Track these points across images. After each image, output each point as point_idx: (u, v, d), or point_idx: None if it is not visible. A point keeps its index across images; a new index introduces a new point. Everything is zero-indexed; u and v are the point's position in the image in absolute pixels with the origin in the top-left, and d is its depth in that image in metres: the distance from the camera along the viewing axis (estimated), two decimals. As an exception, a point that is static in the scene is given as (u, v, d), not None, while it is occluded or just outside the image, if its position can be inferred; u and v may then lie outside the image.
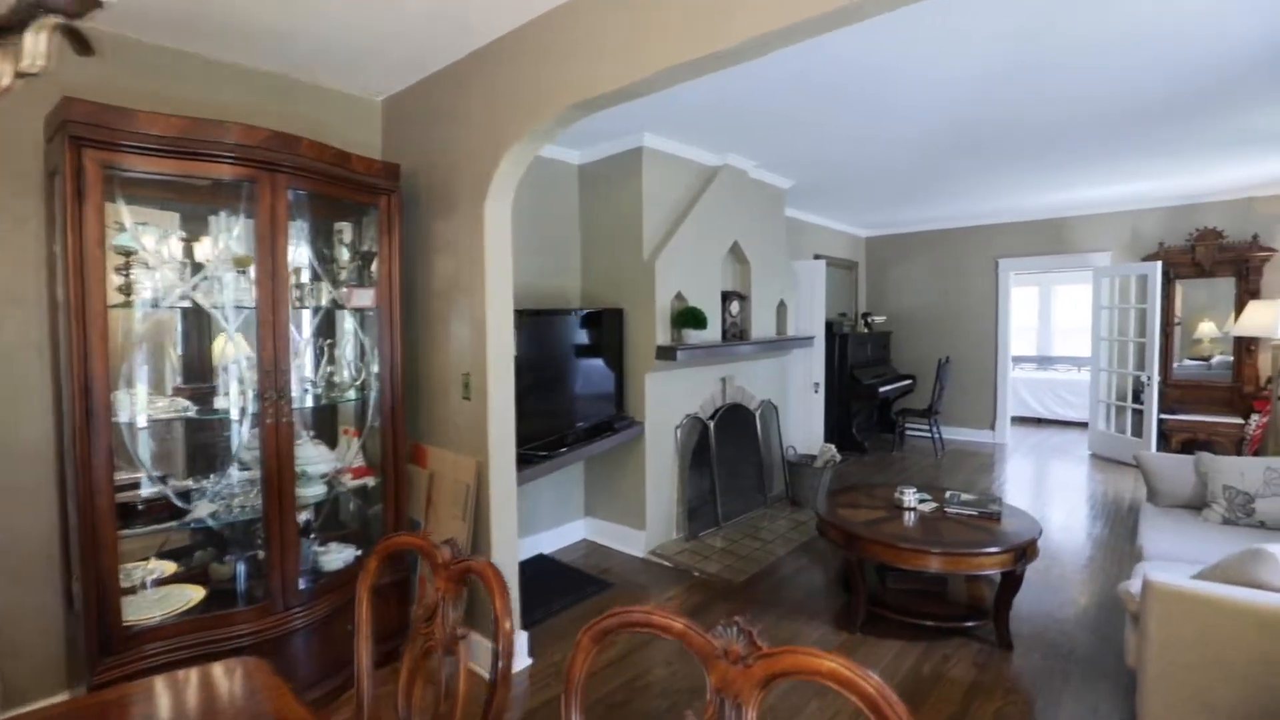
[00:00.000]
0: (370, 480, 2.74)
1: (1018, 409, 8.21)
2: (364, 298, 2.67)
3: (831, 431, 6.37)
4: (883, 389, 6.85)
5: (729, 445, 4.59)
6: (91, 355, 1.93)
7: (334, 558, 2.62)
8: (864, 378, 6.75)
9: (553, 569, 3.73)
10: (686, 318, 3.93)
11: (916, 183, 5.30)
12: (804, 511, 4.73)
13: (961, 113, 3.50)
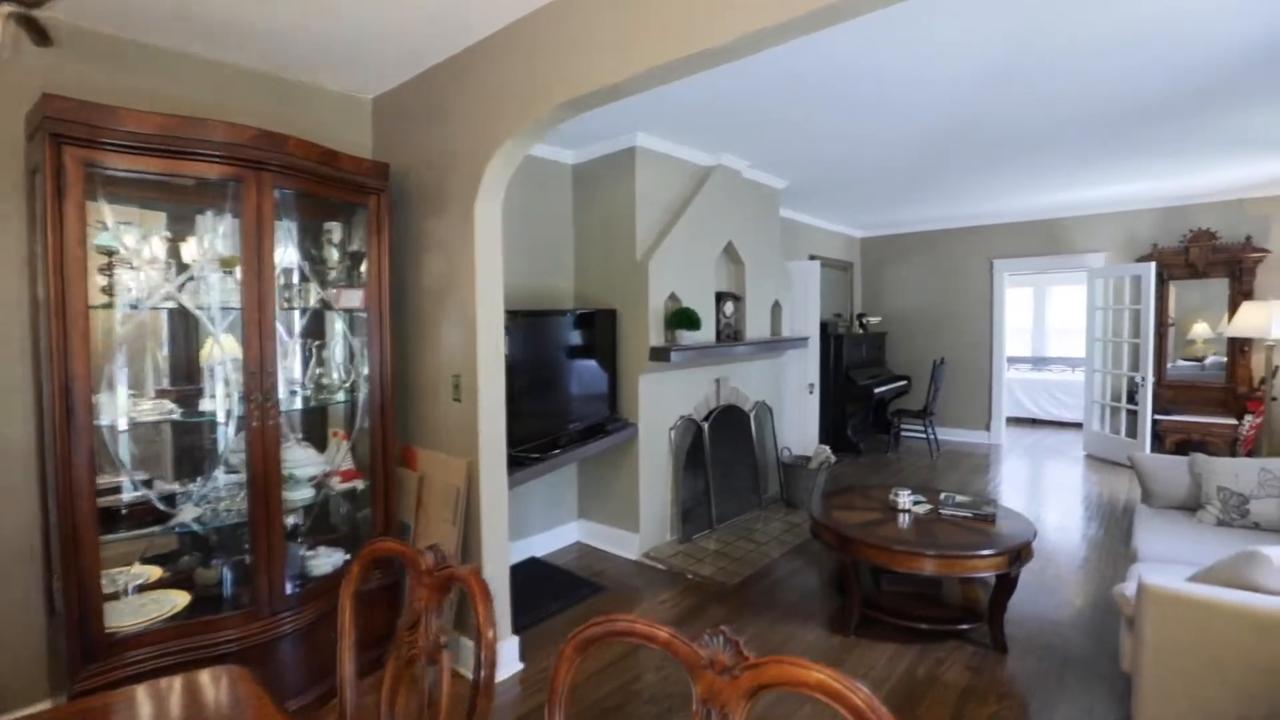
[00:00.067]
0: (359, 483, 2.71)
1: (1013, 410, 8.22)
2: (353, 298, 2.64)
3: (826, 433, 6.36)
4: (878, 390, 6.84)
5: (723, 447, 4.57)
6: (72, 356, 1.90)
7: (322, 562, 2.59)
8: (859, 379, 6.74)
9: (545, 572, 3.70)
10: (680, 318, 3.91)
11: (912, 183, 5.29)
12: (799, 513, 4.71)
13: (958, 113, 3.48)
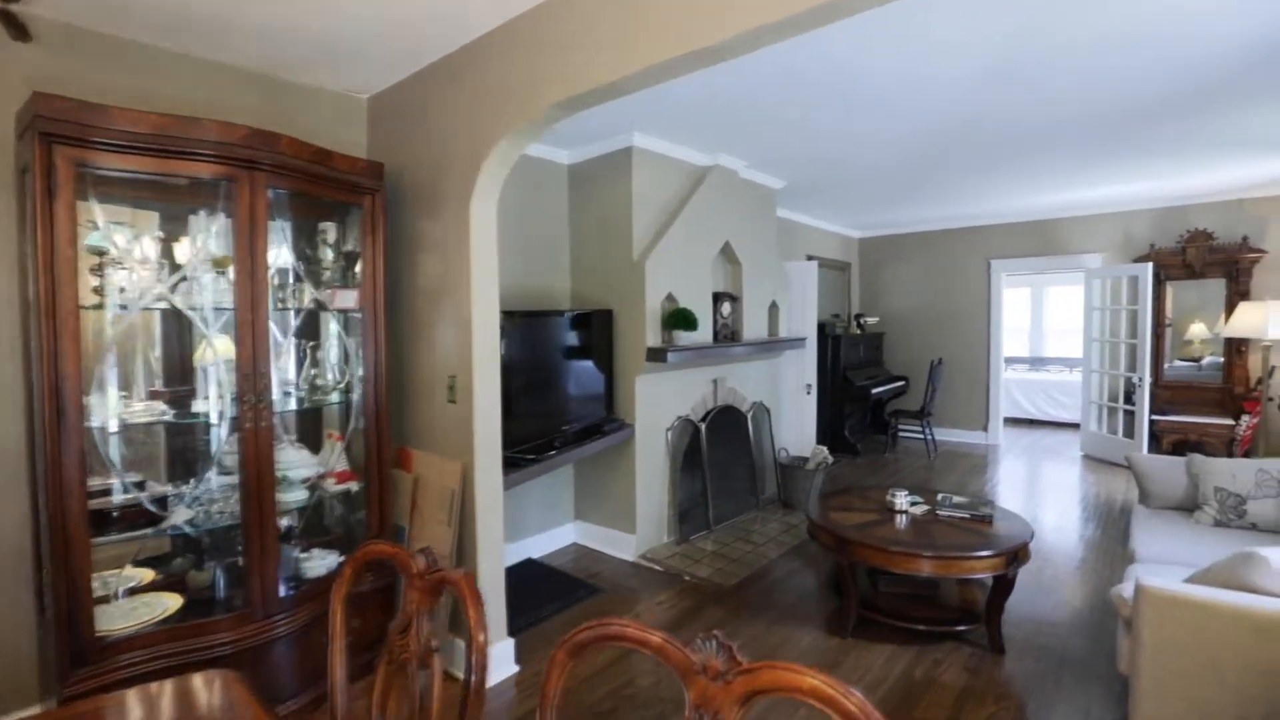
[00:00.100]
0: (354, 485, 2.69)
1: (1010, 410, 8.22)
2: (347, 299, 2.63)
3: (824, 433, 6.35)
4: (875, 390, 6.83)
5: (720, 447, 4.56)
6: (62, 357, 1.88)
7: (316, 564, 2.57)
8: (857, 379, 6.73)
9: (541, 574, 3.68)
10: (677, 319, 3.90)
11: (909, 183, 5.28)
12: (796, 514, 4.70)
13: (956, 112, 3.47)
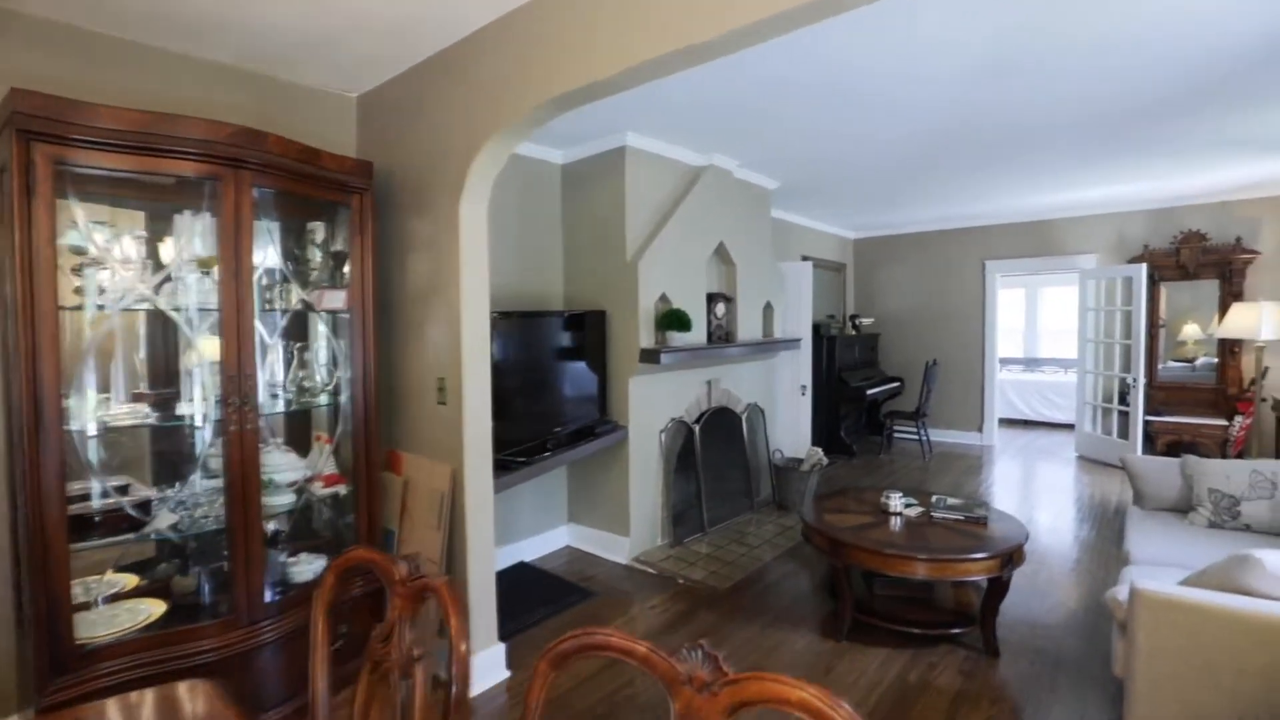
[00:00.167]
0: (342, 488, 2.66)
1: (1005, 411, 8.22)
2: (335, 299, 2.59)
3: (819, 434, 6.33)
4: (870, 391, 6.82)
5: (715, 449, 4.54)
6: (41, 358, 1.84)
7: (304, 569, 2.53)
8: (852, 380, 6.72)
9: (534, 577, 3.65)
10: (670, 320, 3.87)
11: (905, 183, 5.27)
12: (791, 516, 4.68)
13: (954, 112, 3.45)
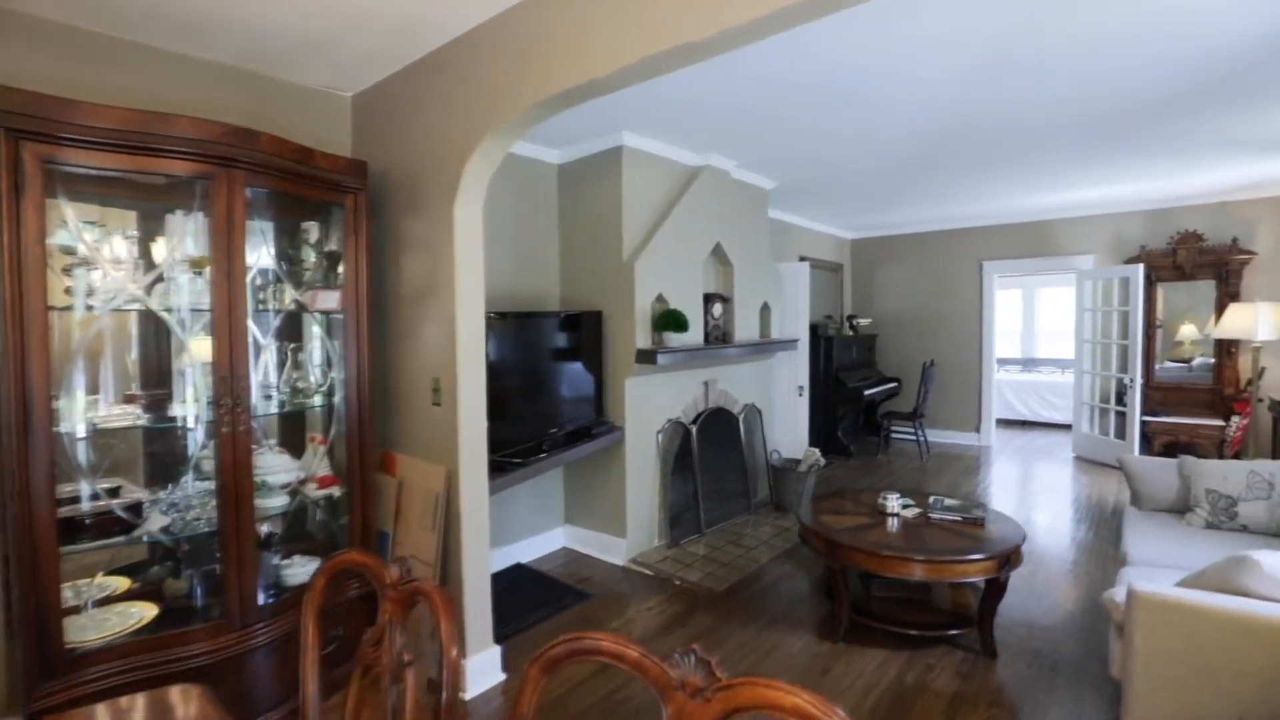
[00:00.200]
0: (336, 490, 2.64)
1: (1002, 411, 8.22)
2: (329, 300, 2.57)
3: (816, 435, 6.32)
4: (868, 392, 6.81)
5: (712, 450, 4.52)
6: (30, 359, 1.82)
7: (298, 571, 2.51)
8: (849, 380, 6.72)
9: (530, 579, 3.63)
10: (667, 320, 3.86)
11: (903, 183, 5.26)
12: (788, 517, 4.67)
13: (953, 111, 3.44)
